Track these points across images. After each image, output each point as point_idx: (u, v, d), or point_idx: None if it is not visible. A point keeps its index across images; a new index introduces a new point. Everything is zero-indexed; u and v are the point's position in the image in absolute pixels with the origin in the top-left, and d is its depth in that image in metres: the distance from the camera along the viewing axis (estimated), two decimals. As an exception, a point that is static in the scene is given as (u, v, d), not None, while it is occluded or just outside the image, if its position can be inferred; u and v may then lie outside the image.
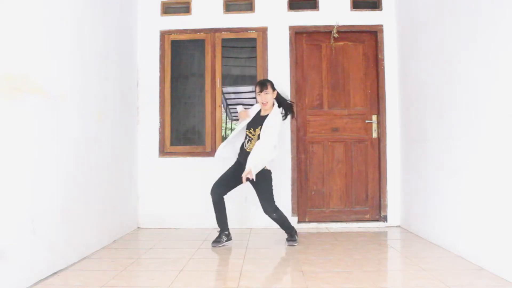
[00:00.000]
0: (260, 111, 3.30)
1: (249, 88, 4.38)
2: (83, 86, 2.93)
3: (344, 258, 2.79)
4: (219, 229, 3.27)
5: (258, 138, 3.13)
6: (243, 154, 3.21)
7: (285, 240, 3.28)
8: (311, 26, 4.09)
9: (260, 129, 3.13)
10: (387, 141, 4.02)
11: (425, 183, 3.37)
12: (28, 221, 2.24)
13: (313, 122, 4.12)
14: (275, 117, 3.15)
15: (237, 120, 3.52)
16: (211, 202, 3.23)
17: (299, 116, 4.10)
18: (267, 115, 3.18)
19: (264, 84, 3.22)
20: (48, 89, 2.47)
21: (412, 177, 3.67)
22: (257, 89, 3.23)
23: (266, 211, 3.15)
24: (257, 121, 3.21)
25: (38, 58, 2.39)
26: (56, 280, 2.35)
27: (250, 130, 3.23)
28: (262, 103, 3.22)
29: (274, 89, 3.26)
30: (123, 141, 3.73)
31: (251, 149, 3.12)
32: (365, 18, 4.09)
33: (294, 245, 3.19)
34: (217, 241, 3.21)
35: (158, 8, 4.18)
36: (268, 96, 3.20)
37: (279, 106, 3.27)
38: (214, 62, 4.16)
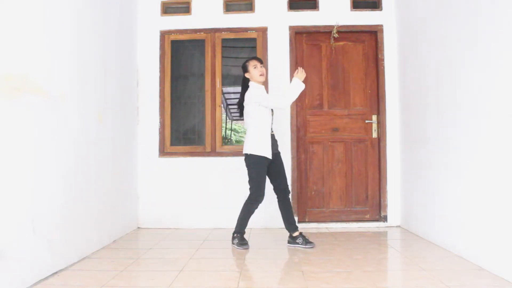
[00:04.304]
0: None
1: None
2: (83, 86, 2.93)
3: (344, 258, 2.79)
4: (298, 231, 3.19)
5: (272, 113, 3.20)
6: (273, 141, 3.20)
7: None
8: (311, 26, 4.09)
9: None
10: (387, 141, 4.02)
11: (425, 183, 3.37)
12: (28, 221, 2.24)
13: (313, 122, 4.12)
14: (253, 91, 3.12)
15: (236, 120, 3.50)
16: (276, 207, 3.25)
17: (299, 116, 4.10)
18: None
19: (260, 59, 3.24)
20: (48, 89, 2.47)
21: (412, 177, 3.67)
22: (256, 63, 3.17)
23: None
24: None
25: (38, 58, 2.39)
26: (56, 280, 2.35)
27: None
28: (262, 75, 3.16)
29: None
30: (123, 141, 3.73)
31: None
32: (365, 18, 4.09)
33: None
34: (294, 242, 3.16)
35: (158, 8, 4.18)
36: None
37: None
38: (214, 62, 4.16)
